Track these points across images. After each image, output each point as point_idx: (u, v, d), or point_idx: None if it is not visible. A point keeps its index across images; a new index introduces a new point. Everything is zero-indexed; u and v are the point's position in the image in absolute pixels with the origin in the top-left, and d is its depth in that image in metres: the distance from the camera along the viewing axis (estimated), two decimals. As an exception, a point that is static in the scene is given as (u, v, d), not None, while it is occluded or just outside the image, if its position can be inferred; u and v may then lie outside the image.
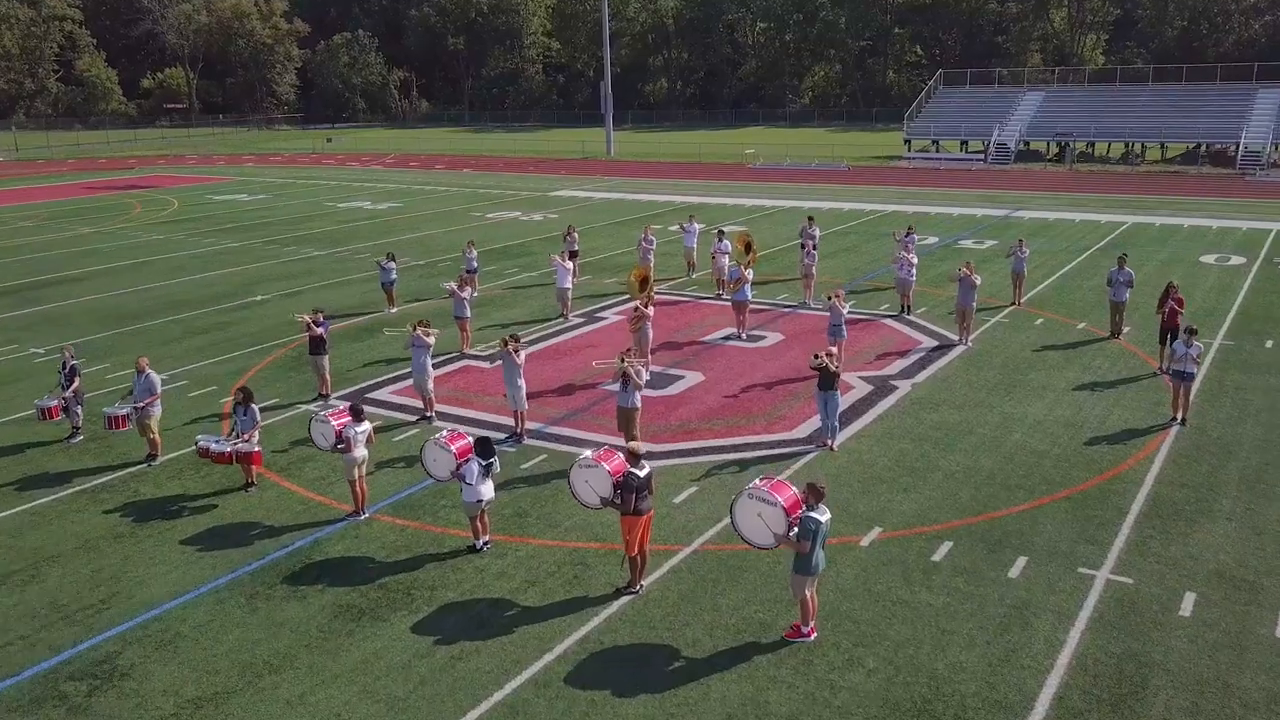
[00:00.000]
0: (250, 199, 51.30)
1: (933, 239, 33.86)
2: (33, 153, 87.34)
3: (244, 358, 20.82)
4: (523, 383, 15.53)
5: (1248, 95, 61.30)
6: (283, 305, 25.56)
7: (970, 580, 11.15)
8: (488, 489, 11.91)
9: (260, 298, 26.78)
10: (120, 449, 15.69)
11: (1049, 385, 17.88)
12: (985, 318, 22.42)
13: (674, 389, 18.12)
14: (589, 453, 11.27)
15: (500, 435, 15.66)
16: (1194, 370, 15.62)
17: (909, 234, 25.34)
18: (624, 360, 14.63)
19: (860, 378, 18.44)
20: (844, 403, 15.85)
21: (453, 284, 20.58)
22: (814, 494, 9.77)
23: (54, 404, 16.12)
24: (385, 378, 19.18)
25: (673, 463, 14.65)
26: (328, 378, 17.93)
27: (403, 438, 15.94)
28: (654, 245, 27.28)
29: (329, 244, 35.74)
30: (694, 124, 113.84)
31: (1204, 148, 59.32)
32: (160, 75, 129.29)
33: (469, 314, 20.55)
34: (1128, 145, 63.06)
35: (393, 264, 24.51)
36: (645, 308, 18.55)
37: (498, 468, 12.16)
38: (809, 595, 10.02)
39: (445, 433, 12.39)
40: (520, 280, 28.43)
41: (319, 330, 17.36)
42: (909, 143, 66.96)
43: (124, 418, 15.48)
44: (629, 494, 10.63)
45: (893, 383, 18.19)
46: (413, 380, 17.05)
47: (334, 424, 12.85)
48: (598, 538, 12.33)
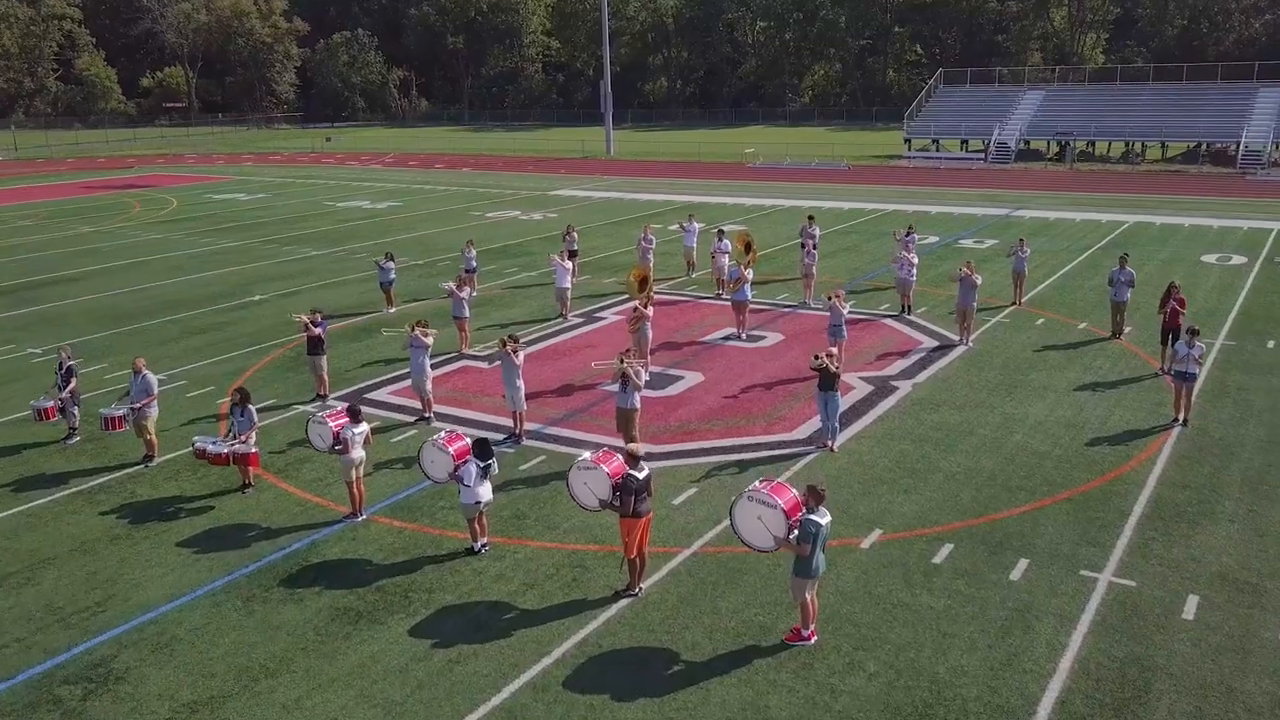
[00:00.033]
0: (249, 198, 51.21)
1: (933, 238, 33.79)
2: (32, 152, 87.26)
3: (242, 358, 20.74)
4: (521, 383, 15.45)
5: (1248, 94, 61.23)
6: (281, 305, 25.49)
7: (971, 583, 11.08)
8: (486, 491, 11.85)
9: (258, 298, 26.71)
10: (117, 450, 15.62)
11: (1050, 386, 17.80)
12: (986, 318, 22.34)
13: (673, 389, 18.05)
14: (588, 454, 11.19)
15: (499, 436, 15.59)
16: (1196, 371, 15.54)
17: (909, 233, 25.26)
18: (623, 361, 14.56)
19: (860, 378, 18.37)
20: (844, 403, 15.77)
21: (451, 284, 20.51)
22: (814, 496, 9.70)
23: (50, 405, 16.02)
24: (383, 378, 19.10)
25: (672, 464, 14.58)
26: (326, 378, 17.86)
27: (401, 438, 15.87)
28: (653, 245, 27.21)
29: (327, 243, 35.66)
30: (694, 123, 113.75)
31: (1204, 147, 59.25)
32: (159, 74, 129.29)
33: (468, 314, 20.48)
34: (1128, 144, 62.99)
35: (391, 264, 24.43)
36: (645, 308, 18.48)
37: (496, 469, 12.09)
38: (809, 598, 9.95)
39: (443, 434, 12.31)
40: (519, 280, 28.36)
41: (317, 330, 17.29)
42: (909, 142, 66.89)
43: (120, 419, 15.38)
44: (628, 496, 10.56)
45: (893, 383, 18.12)
46: (411, 381, 16.98)
47: (331, 425, 12.78)
48: (597, 540, 12.26)
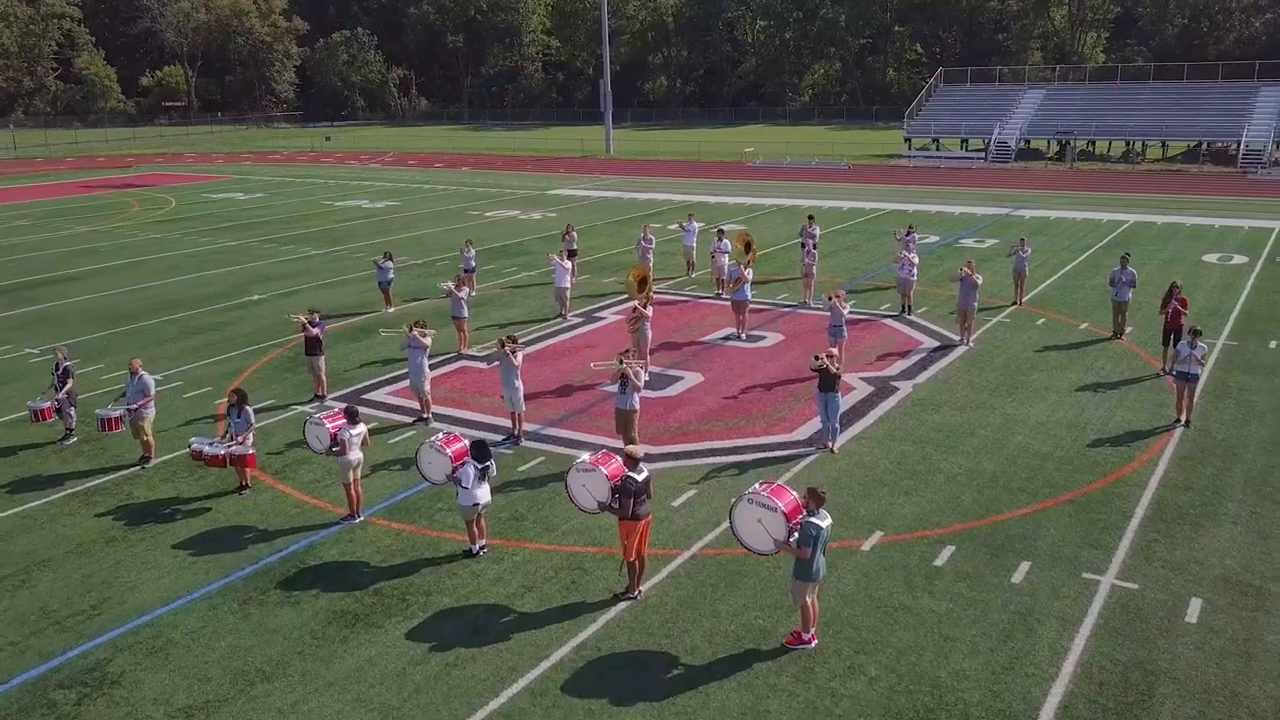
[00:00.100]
0: (247, 197, 51.11)
1: (933, 238, 33.70)
2: (31, 151, 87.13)
3: (239, 358, 20.66)
4: (520, 384, 15.36)
5: (1249, 93, 61.15)
6: (279, 305, 25.40)
7: (973, 586, 11.00)
8: (484, 493, 11.76)
9: (256, 297, 26.62)
10: (114, 451, 15.54)
11: (1051, 386, 17.72)
12: (986, 318, 22.26)
13: (673, 390, 17.97)
14: (586, 456, 11.10)
15: (497, 437, 15.52)
16: (1198, 371, 15.46)
17: (910, 233, 25.17)
18: (622, 361, 14.48)
19: (861, 378, 18.29)
20: (844, 404, 15.69)
21: (450, 284, 20.43)
22: (814, 499, 9.62)
23: (47, 406, 15.94)
24: (382, 379, 19.02)
25: (671, 465, 14.49)
26: (324, 379, 17.78)
27: (399, 439, 15.78)
28: (653, 244, 27.12)
29: (326, 243, 35.57)
30: (693, 122, 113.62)
31: (1205, 146, 59.17)
32: (159, 73, 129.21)
33: (466, 314, 20.40)
34: (1128, 143, 62.91)
35: (390, 263, 24.34)
36: (644, 308, 18.39)
37: (494, 471, 12.01)
38: (810, 601, 9.87)
39: (441, 435, 12.23)
40: (518, 279, 28.27)
41: (315, 331, 17.21)
42: (909, 141, 66.80)
43: (117, 420, 15.28)
44: (627, 498, 10.47)
45: (894, 384, 18.04)
46: (409, 381, 16.89)
47: (329, 426, 12.70)
48: (595, 542, 12.18)
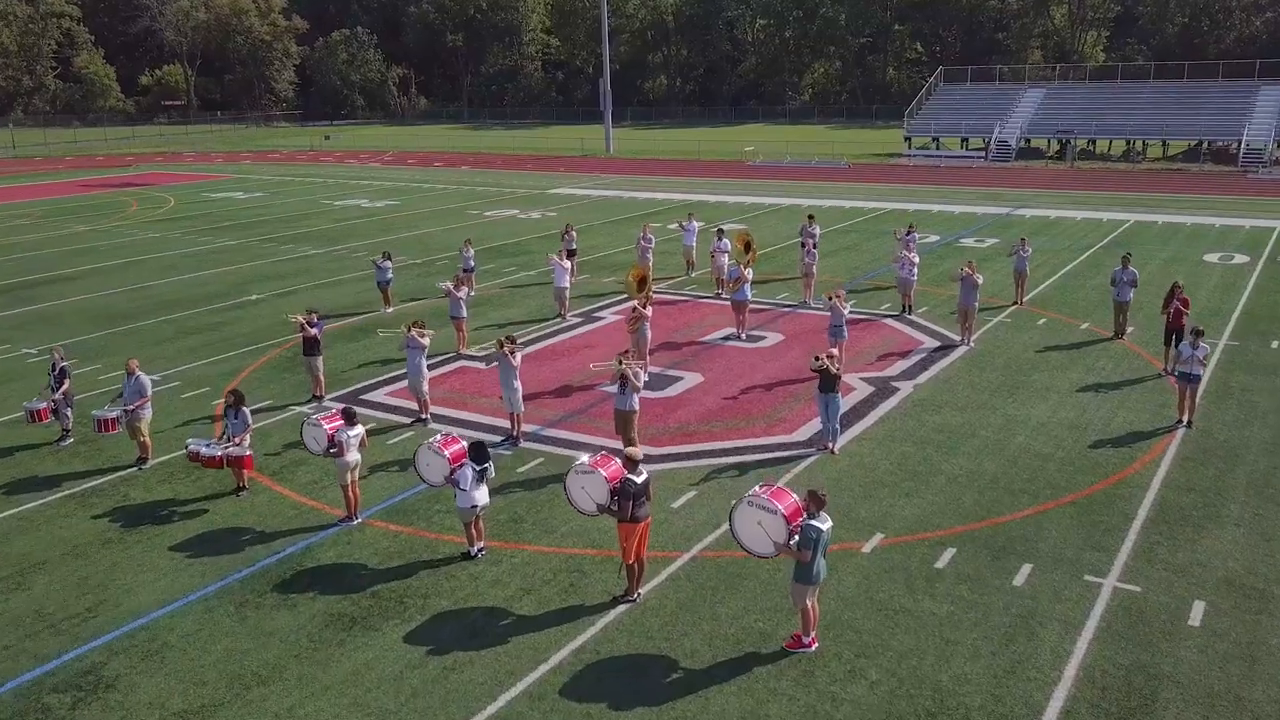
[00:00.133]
0: (246, 196, 51.03)
1: (934, 237, 33.63)
2: (30, 150, 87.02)
3: (237, 358, 20.58)
4: (519, 384, 15.27)
5: (1249, 92, 61.09)
6: (277, 305, 25.32)
7: (974, 588, 10.92)
8: (482, 495, 11.68)
9: (255, 297, 26.54)
10: (110, 452, 15.46)
11: (1052, 387, 17.65)
12: (987, 318, 22.18)
13: (672, 390, 17.89)
14: (585, 458, 11.02)
15: (496, 438, 15.45)
16: (1200, 372, 15.38)
17: (910, 232, 25.08)
18: (622, 362, 14.40)
19: (861, 379, 18.22)
20: (845, 404, 15.62)
21: (449, 284, 20.35)
22: (815, 502, 9.55)
23: (43, 406, 15.85)
24: (380, 379, 18.94)
25: (671, 466, 14.42)
26: (322, 379, 17.71)
27: (397, 440, 15.71)
28: (653, 244, 27.04)
29: (325, 242, 35.48)
30: (693, 121, 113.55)
31: (1205, 145, 59.10)
32: (158, 72, 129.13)
33: (465, 314, 20.32)
34: (1129, 142, 62.84)
35: (388, 263, 24.26)
36: (643, 308, 18.32)
37: (493, 473, 11.94)
38: (810, 604, 9.79)
39: (439, 437, 12.15)
40: (518, 279, 28.19)
41: (313, 331, 17.13)
42: (909, 140, 66.74)
43: (114, 421, 15.20)
44: (626, 501, 10.39)
45: (894, 384, 17.97)
46: (408, 382, 16.81)
47: (326, 428, 12.63)
48: (595, 544, 12.10)
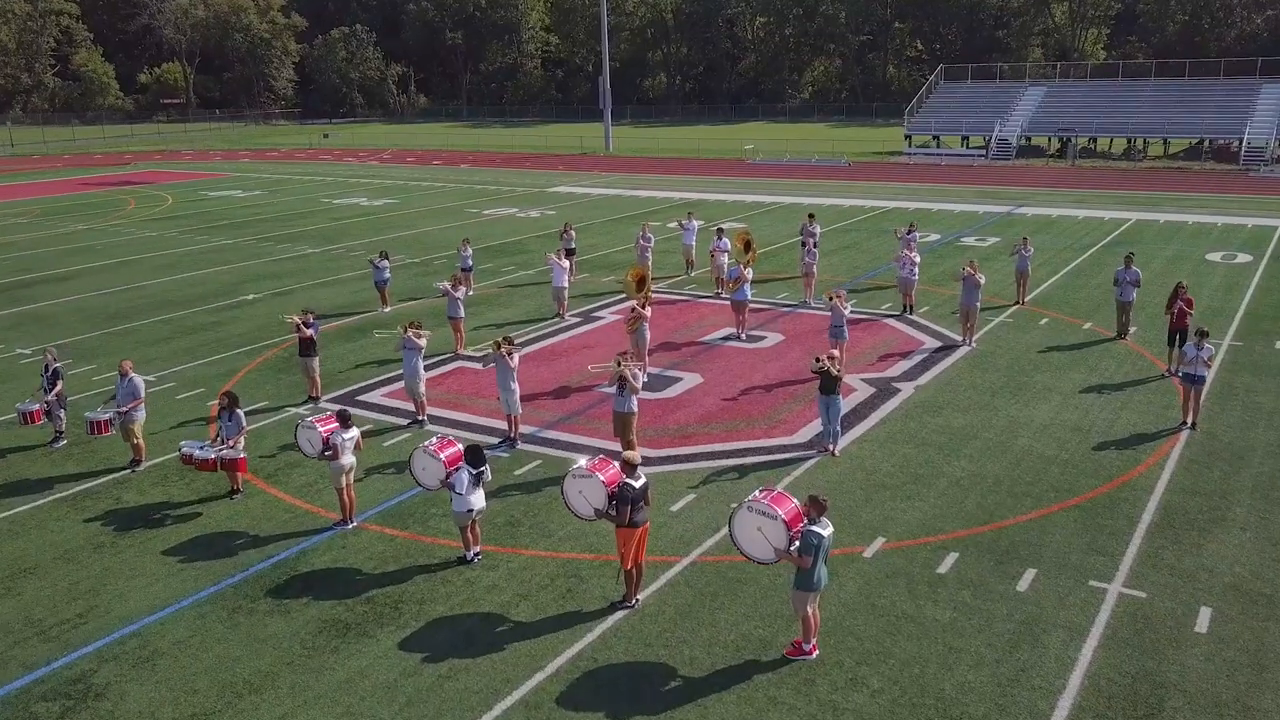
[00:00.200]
0: (245, 195, 50.85)
1: (934, 236, 33.46)
2: (28, 148, 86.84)
3: (233, 359, 20.41)
4: (516, 386, 15.10)
5: (1251, 91, 60.87)
6: (274, 305, 25.16)
7: (977, 594, 10.77)
8: (478, 498, 11.52)
9: (251, 297, 26.37)
10: (103, 454, 15.30)
11: (1055, 387, 17.49)
12: (989, 318, 22.02)
13: (672, 391, 17.73)
14: (583, 461, 10.87)
15: (493, 440, 15.29)
16: (1204, 373, 15.21)
17: (911, 231, 24.91)
18: (620, 363, 14.24)
19: (862, 379, 18.06)
20: (846, 406, 15.46)
21: (446, 283, 20.19)
22: (816, 507, 9.40)
23: (36, 408, 15.69)
24: (377, 380, 18.78)
25: (670, 469, 14.26)
26: (318, 380, 17.55)
27: (393, 442, 15.55)
28: (652, 243, 26.88)
29: (323, 241, 35.31)
30: (693, 119, 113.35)
31: (1207, 143, 58.90)
32: (157, 70, 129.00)
33: (463, 314, 20.18)
34: (1130, 141, 62.63)
35: (386, 262, 24.09)
36: (643, 308, 18.16)
37: (489, 476, 11.77)
38: (811, 611, 9.64)
39: (435, 440, 12.01)
40: (516, 279, 28.02)
41: (309, 332, 16.98)
42: (910, 138, 66.56)
43: (107, 423, 15.05)
44: (624, 506, 10.23)
45: (895, 385, 17.81)
46: (404, 383, 16.65)
47: (321, 430, 12.49)
48: (592, 548, 11.94)
